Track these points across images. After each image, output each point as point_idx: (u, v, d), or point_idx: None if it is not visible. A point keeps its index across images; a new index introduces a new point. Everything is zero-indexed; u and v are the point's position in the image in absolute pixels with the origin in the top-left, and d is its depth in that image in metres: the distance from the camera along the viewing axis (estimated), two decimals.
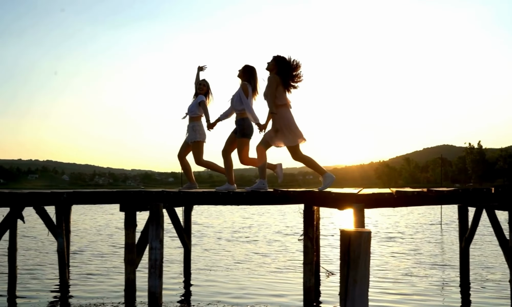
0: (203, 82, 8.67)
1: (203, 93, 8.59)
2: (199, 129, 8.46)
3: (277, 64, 7.52)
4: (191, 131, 8.49)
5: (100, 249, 14.11)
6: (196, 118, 8.49)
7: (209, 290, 8.74)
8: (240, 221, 25.37)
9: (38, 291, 8.55)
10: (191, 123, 8.53)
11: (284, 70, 7.50)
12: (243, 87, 7.86)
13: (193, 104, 8.55)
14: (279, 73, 7.50)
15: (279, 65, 7.52)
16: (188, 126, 8.59)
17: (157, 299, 6.97)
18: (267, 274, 10.17)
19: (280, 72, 7.50)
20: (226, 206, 37.74)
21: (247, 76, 7.98)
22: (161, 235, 7.00)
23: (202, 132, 8.49)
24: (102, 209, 36.58)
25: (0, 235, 8.09)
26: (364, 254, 3.13)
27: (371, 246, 3.28)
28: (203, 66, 8.84)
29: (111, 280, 9.51)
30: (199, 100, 8.45)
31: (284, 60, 7.53)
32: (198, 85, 8.68)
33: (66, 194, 7.56)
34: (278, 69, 7.51)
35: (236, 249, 14.19)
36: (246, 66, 8.04)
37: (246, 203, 7.31)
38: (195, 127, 8.47)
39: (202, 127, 8.49)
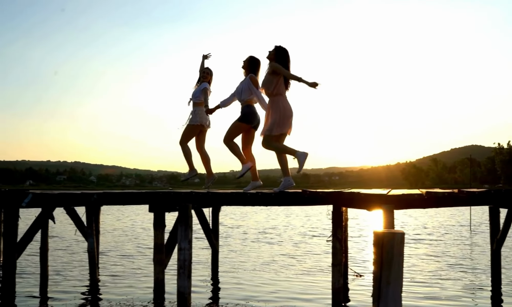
0: (207, 70, 8.81)
1: (207, 81, 8.74)
2: (200, 114, 8.60)
3: (277, 54, 7.47)
4: (193, 115, 8.67)
5: (127, 250, 14.24)
6: (199, 104, 8.63)
7: (236, 291, 8.75)
8: (265, 222, 25.35)
9: (68, 291, 8.66)
10: (194, 108, 8.70)
11: (283, 61, 7.45)
12: (252, 80, 7.90)
13: (197, 90, 8.70)
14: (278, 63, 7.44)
15: (279, 55, 7.46)
16: (191, 111, 8.76)
17: (186, 299, 7.00)
18: (294, 276, 10.14)
19: (279, 62, 7.44)
20: (251, 207, 37.79)
21: (252, 68, 8.02)
22: (190, 235, 7.03)
23: (203, 117, 8.62)
24: (128, 210, 36.86)
25: (32, 235, 8.22)
26: (397, 255, 3.10)
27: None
28: (207, 54, 8.95)
29: (140, 281, 9.59)
30: (202, 87, 8.61)
31: (285, 51, 7.50)
32: (202, 72, 8.81)
33: (96, 195, 7.64)
34: (277, 59, 7.45)
35: (262, 250, 14.18)
36: (251, 58, 8.07)
37: (275, 204, 7.30)
38: (196, 111, 8.64)
39: (203, 112, 8.60)
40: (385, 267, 3.11)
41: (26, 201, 7.65)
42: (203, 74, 8.78)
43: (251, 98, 7.91)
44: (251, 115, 7.91)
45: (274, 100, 7.43)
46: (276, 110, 7.39)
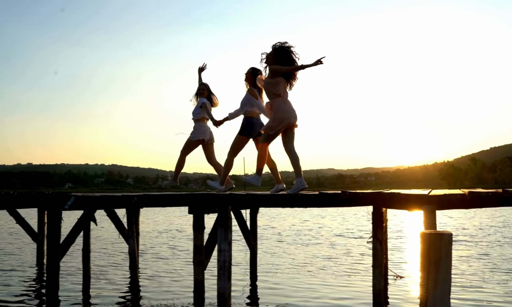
0: (201, 86, 8.85)
1: (204, 96, 8.78)
2: (200, 129, 8.72)
3: (276, 54, 7.33)
4: (193, 131, 8.78)
5: (164, 251, 14.38)
6: (199, 120, 8.75)
7: (276, 293, 8.74)
8: (299, 223, 25.26)
9: (110, 292, 8.79)
10: (194, 124, 8.81)
11: (284, 59, 7.31)
12: (251, 92, 7.98)
13: (196, 107, 8.79)
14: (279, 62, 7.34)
15: (278, 55, 7.32)
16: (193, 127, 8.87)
17: (226, 300, 7.03)
18: (332, 278, 10.07)
19: (280, 61, 7.32)
20: (286, 209, 37.68)
21: (253, 79, 8.05)
22: (230, 237, 7.06)
23: (202, 131, 8.70)
24: (162, 212, 37.18)
25: (75, 237, 8.38)
26: (445, 256, 3.04)
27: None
28: (203, 66, 8.99)
29: (179, 282, 9.67)
30: (200, 103, 8.70)
31: (282, 48, 7.35)
32: (198, 90, 8.87)
33: (136, 197, 7.74)
34: (277, 60, 7.33)
35: (299, 252, 14.14)
36: (253, 70, 8.08)
37: (314, 205, 7.26)
38: (196, 127, 8.76)
39: (202, 127, 8.73)
40: (433, 269, 3.06)
41: (69, 203, 7.80)
42: (200, 90, 8.83)
43: (252, 110, 8.00)
44: (248, 127, 8.00)
45: (274, 102, 7.36)
46: (277, 111, 7.30)
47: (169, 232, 20.91)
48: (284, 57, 7.30)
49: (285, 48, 7.33)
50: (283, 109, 7.29)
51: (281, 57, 7.30)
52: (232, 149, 8.09)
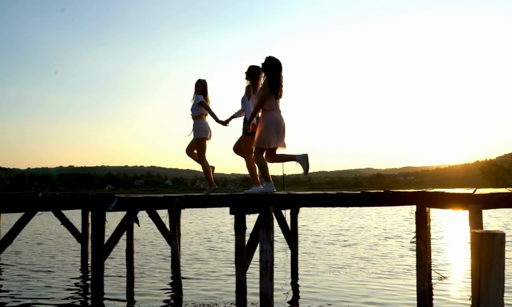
0: (198, 83, 8.99)
1: (200, 93, 8.91)
2: (202, 127, 8.84)
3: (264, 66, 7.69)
4: (195, 130, 8.88)
5: (203, 252, 14.47)
6: (198, 117, 8.86)
7: (317, 294, 8.69)
8: (338, 223, 25.08)
9: (154, 292, 8.90)
10: (194, 121, 8.91)
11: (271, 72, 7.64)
12: (247, 90, 8.31)
13: (194, 105, 8.92)
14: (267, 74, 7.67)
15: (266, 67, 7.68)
16: (192, 125, 8.97)
17: (269, 301, 7.03)
18: (373, 279, 9.96)
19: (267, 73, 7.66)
20: (325, 209, 37.46)
21: (253, 77, 8.29)
22: (272, 237, 7.06)
23: (204, 129, 8.86)
24: (199, 213, 37.37)
25: (118, 238, 8.52)
26: (497, 256, 2.97)
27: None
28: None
29: (221, 282, 9.71)
30: (198, 101, 8.84)
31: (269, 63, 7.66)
32: (195, 86, 9.01)
33: (178, 198, 7.81)
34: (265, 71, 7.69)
35: (339, 252, 14.04)
36: (251, 67, 8.30)
37: (357, 204, 7.20)
38: (197, 125, 8.86)
39: (204, 125, 8.88)
40: (485, 269, 2.98)
41: (113, 205, 7.94)
42: (196, 87, 8.99)
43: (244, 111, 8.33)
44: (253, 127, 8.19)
45: (263, 115, 7.72)
46: (263, 124, 7.67)
47: (205, 232, 21.00)
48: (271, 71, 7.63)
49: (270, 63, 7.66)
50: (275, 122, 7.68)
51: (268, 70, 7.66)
52: (246, 152, 8.38)
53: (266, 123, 7.65)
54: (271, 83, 7.60)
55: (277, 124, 7.69)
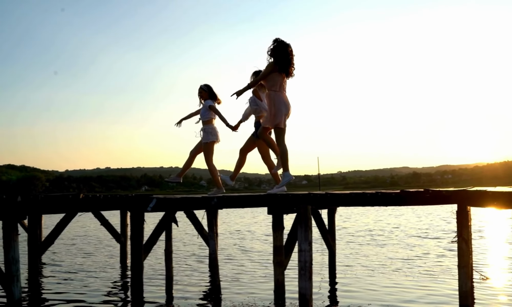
0: (200, 89, 9.28)
1: (205, 98, 9.21)
2: (211, 131, 9.13)
3: (273, 49, 7.82)
4: (204, 134, 9.16)
5: (238, 252, 14.50)
6: (207, 122, 9.14)
7: (356, 294, 8.62)
8: (373, 223, 24.81)
9: (192, 292, 8.97)
10: (203, 126, 9.20)
11: (279, 56, 7.78)
12: (255, 93, 8.57)
13: (203, 109, 9.19)
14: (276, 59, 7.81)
15: (275, 50, 7.81)
16: (201, 129, 9.25)
17: (308, 301, 7.00)
18: (412, 279, 9.82)
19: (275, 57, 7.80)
20: (358, 208, 37.05)
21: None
22: (310, 237, 7.02)
23: (214, 133, 9.16)
24: (232, 213, 37.43)
25: (157, 238, 8.60)
26: None
27: None
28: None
29: (259, 282, 9.72)
30: (207, 105, 9.11)
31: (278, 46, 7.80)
32: (198, 93, 9.33)
33: (216, 198, 7.84)
34: (274, 54, 7.82)
35: (375, 251, 13.90)
36: (256, 73, 8.52)
37: (396, 204, 7.11)
38: (207, 129, 9.14)
39: (213, 129, 9.17)
40: None
41: (151, 205, 8.01)
42: (199, 94, 9.30)
43: (262, 113, 8.54)
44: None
45: (268, 95, 7.94)
46: (270, 104, 7.87)
47: (238, 233, 21.01)
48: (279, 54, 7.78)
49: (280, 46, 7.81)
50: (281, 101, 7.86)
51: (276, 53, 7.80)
52: (263, 156, 8.85)
53: (278, 103, 7.82)
54: (279, 62, 7.77)
55: (286, 105, 7.90)
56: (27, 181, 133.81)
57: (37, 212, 9.18)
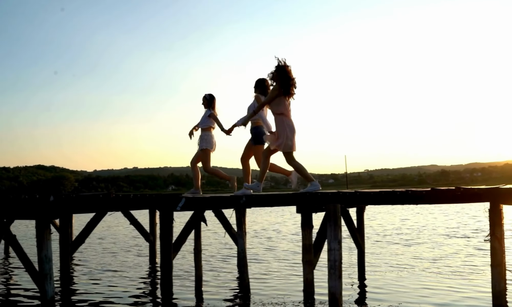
0: (203, 98, 9.85)
1: (206, 107, 9.80)
2: (208, 139, 9.64)
3: (277, 72, 7.86)
4: (201, 140, 9.70)
5: (264, 251, 14.51)
6: (206, 129, 9.69)
7: (385, 293, 8.55)
8: (400, 222, 24.56)
9: (221, 290, 9.01)
10: (202, 133, 9.75)
11: (282, 78, 7.83)
12: (257, 99, 8.82)
13: (203, 117, 9.72)
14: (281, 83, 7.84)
15: (278, 73, 7.85)
16: (199, 136, 9.81)
17: (337, 300, 6.97)
18: (442, 279, 9.69)
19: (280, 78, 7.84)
20: (385, 206, 36.65)
21: (260, 89, 8.92)
22: (340, 236, 6.99)
23: (210, 141, 9.67)
24: (258, 212, 37.40)
25: (186, 236, 8.66)
26: None
27: None
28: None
29: (288, 281, 9.72)
30: (207, 114, 9.66)
31: (284, 69, 7.85)
32: (202, 101, 9.90)
33: (245, 197, 7.86)
34: (279, 77, 7.85)
35: (404, 250, 13.76)
36: (258, 80, 8.98)
37: (426, 202, 7.04)
38: (204, 136, 9.69)
39: (210, 137, 9.69)
40: None
41: (180, 205, 8.07)
42: (203, 102, 9.87)
43: (257, 117, 8.79)
44: (261, 136, 8.78)
45: (278, 119, 7.92)
46: (283, 128, 7.86)
47: (264, 232, 20.98)
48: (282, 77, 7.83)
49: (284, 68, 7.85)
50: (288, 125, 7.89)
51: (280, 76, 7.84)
52: (258, 161, 9.01)
53: (289, 127, 7.88)
54: (282, 85, 7.82)
55: (294, 128, 7.98)
56: (57, 181, 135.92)
57: (69, 211, 9.34)
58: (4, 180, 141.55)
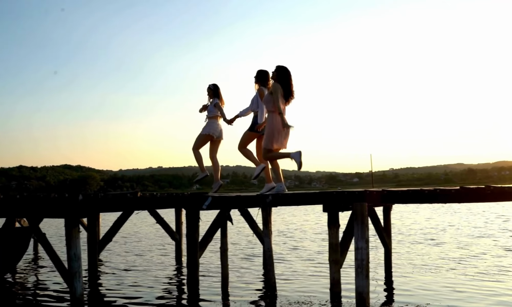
0: (207, 88, 10.07)
1: (211, 97, 10.00)
2: (211, 125, 9.84)
3: (278, 74, 8.11)
4: (205, 126, 9.90)
5: (288, 250, 14.47)
6: (212, 117, 9.89)
7: (414, 293, 8.46)
8: (425, 221, 24.29)
9: (248, 289, 9.03)
10: (208, 120, 9.95)
11: (284, 80, 8.09)
12: (259, 92, 8.86)
13: (211, 106, 9.97)
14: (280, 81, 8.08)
15: (279, 74, 8.10)
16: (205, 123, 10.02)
17: (365, 299, 6.92)
18: (468, 280, 9.55)
19: (280, 81, 8.08)
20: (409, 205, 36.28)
21: (262, 80, 8.88)
22: (367, 234, 6.94)
23: (213, 128, 9.83)
24: (283, 211, 37.36)
25: (212, 235, 8.70)
26: None
27: None
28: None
29: (314, 280, 9.69)
30: (214, 102, 9.89)
31: (284, 70, 8.10)
32: (207, 92, 10.11)
33: (271, 196, 7.86)
34: (278, 79, 8.10)
35: (426, 251, 13.60)
36: (259, 72, 8.92)
37: (455, 200, 6.95)
38: (208, 123, 9.91)
39: (215, 125, 9.86)
40: None
41: (207, 204, 8.11)
42: (208, 93, 10.08)
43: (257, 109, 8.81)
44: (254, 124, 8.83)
45: (269, 116, 8.14)
46: (270, 125, 8.09)
47: (288, 231, 20.93)
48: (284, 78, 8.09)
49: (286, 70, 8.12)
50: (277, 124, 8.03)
51: (281, 77, 8.09)
52: (241, 143, 9.01)
53: (276, 125, 8.03)
54: (283, 86, 8.04)
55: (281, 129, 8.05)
56: (83, 180, 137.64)
57: (97, 210, 9.45)
58: (32, 180, 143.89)
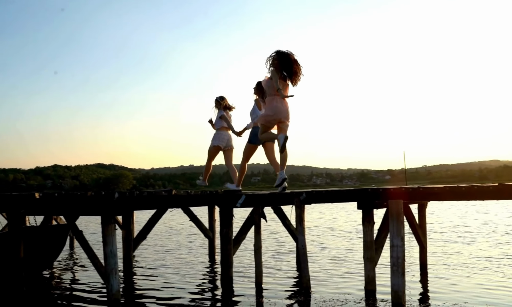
0: (215, 101, 10.47)
1: (217, 108, 10.44)
2: (217, 136, 10.34)
3: (278, 58, 8.10)
4: (213, 138, 10.40)
5: (318, 248, 14.40)
6: (219, 129, 10.37)
7: (450, 292, 8.32)
8: (458, 219, 23.89)
9: (281, 286, 9.02)
10: (215, 132, 10.44)
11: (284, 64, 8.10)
12: (257, 103, 9.30)
13: (216, 118, 10.43)
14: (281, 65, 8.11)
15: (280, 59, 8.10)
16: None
17: (401, 298, 6.86)
18: (505, 279, 9.37)
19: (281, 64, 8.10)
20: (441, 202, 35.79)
21: (260, 92, 9.02)
22: (402, 232, 6.87)
23: (219, 139, 10.31)
24: (313, 209, 37.16)
25: (245, 233, 8.72)
26: None
27: None
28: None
29: (345, 278, 9.63)
30: (219, 115, 10.32)
31: (283, 54, 8.10)
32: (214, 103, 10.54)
33: (305, 193, 7.84)
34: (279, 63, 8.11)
35: (459, 249, 13.39)
36: (259, 83, 9.09)
37: (493, 198, 6.82)
38: (216, 135, 10.39)
39: (221, 135, 10.33)
40: None
41: (240, 202, 8.14)
42: (215, 105, 10.48)
43: (256, 120, 8.92)
44: (254, 136, 9.05)
45: (269, 99, 8.22)
46: (268, 107, 8.22)
47: (316, 229, 20.81)
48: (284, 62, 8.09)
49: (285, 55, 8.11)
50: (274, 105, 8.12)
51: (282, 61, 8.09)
52: (244, 156, 9.33)
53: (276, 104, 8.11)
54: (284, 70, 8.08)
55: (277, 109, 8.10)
56: (115, 179, 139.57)
57: (132, 208, 9.56)
58: (67, 178, 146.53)
